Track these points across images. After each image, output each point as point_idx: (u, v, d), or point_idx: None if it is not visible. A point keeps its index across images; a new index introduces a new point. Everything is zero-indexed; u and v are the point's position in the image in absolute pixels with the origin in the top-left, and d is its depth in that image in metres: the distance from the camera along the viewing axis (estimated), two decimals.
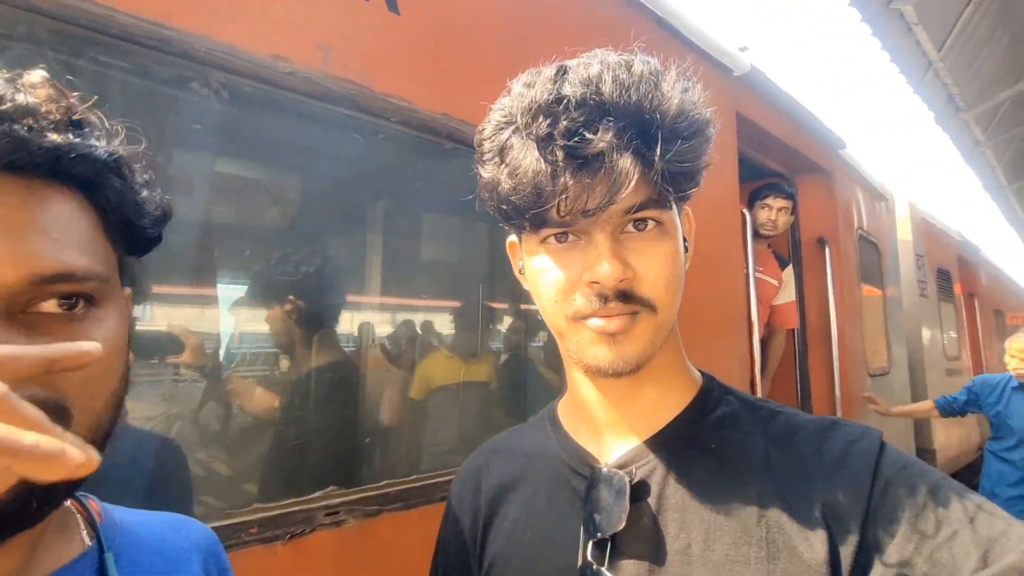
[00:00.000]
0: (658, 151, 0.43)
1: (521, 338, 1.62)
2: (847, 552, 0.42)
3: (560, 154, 0.43)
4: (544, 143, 0.43)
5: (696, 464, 0.50)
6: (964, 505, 0.42)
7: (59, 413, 0.33)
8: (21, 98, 0.35)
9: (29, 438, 0.23)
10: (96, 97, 0.40)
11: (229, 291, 1.14)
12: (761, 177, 2.95)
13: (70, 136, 0.36)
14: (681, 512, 0.48)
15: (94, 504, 0.47)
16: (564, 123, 0.42)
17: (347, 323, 1.30)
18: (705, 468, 0.50)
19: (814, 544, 0.43)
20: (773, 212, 2.54)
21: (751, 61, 2.22)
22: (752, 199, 2.63)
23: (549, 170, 0.43)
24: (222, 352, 1.03)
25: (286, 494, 0.88)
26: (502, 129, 0.47)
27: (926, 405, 3.15)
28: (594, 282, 0.46)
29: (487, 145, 0.48)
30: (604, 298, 0.46)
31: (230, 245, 1.12)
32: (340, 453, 1.05)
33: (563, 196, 0.44)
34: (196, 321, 1.01)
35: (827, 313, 2.80)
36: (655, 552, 0.48)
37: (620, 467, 0.51)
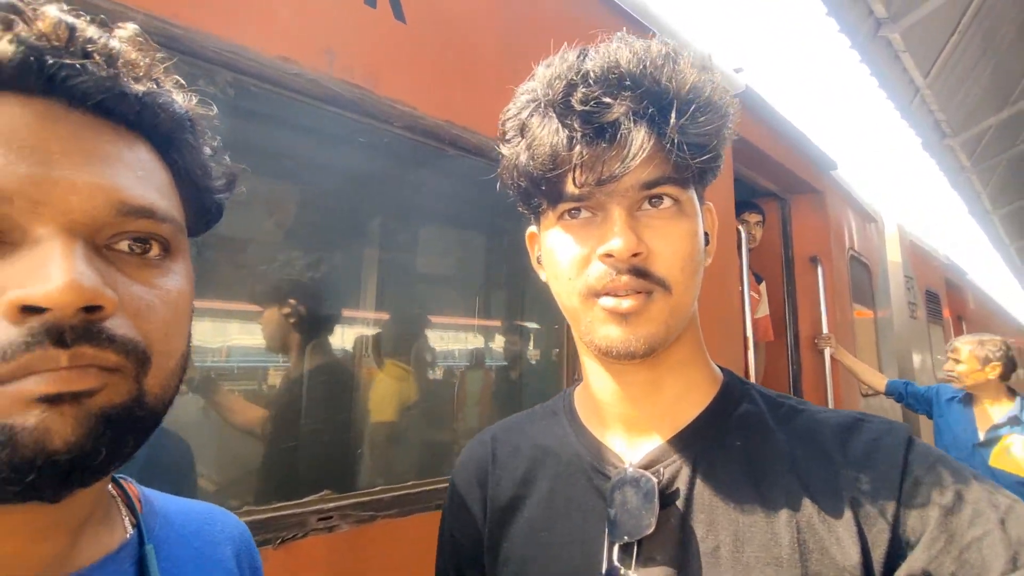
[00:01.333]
0: (672, 121, 0.43)
1: (518, 343, 1.62)
2: (878, 551, 0.42)
3: (577, 122, 0.43)
4: (562, 112, 0.44)
5: (722, 463, 0.49)
6: (995, 504, 0.41)
7: (141, 357, 0.33)
8: (115, 44, 0.35)
9: None
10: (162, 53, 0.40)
11: (227, 295, 1.13)
12: (756, 196, 3.00)
13: (155, 87, 0.37)
14: (709, 513, 0.47)
15: (134, 489, 0.45)
16: (582, 91, 0.43)
17: (346, 330, 1.29)
18: (731, 467, 0.49)
19: (845, 544, 0.42)
20: (751, 226, 2.72)
21: (746, 82, 2.27)
22: None
23: (566, 137, 0.44)
24: (218, 359, 1.02)
25: (278, 497, 0.86)
26: (524, 108, 0.48)
27: (878, 379, 2.93)
28: (608, 255, 0.45)
29: (509, 124, 0.49)
30: (617, 270, 0.45)
31: (229, 248, 1.12)
32: (334, 458, 1.04)
33: (579, 164, 0.44)
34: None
35: (820, 332, 2.82)
36: (683, 555, 0.46)
37: (645, 467, 0.50)
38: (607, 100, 0.43)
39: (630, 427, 0.53)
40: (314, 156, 1.12)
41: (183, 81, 0.41)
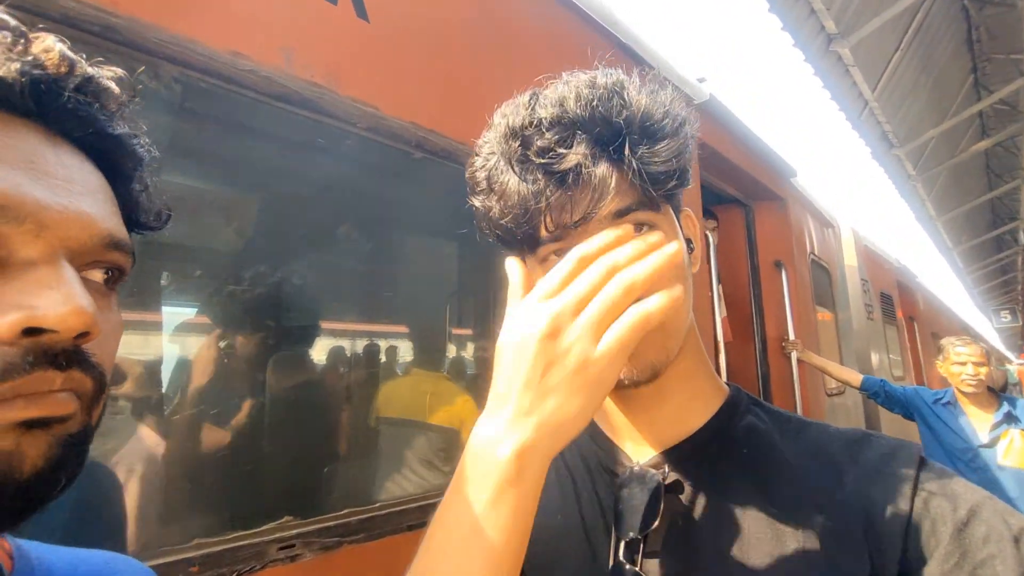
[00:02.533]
0: (627, 154, 0.44)
1: (488, 352, 1.57)
2: (888, 565, 0.41)
3: (540, 173, 0.44)
4: (523, 165, 0.45)
5: (728, 471, 0.49)
6: (1008, 523, 0.41)
7: (103, 384, 0.34)
8: (106, 83, 0.36)
9: None
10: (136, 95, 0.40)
11: (175, 312, 1.05)
12: (720, 203, 3.07)
13: (128, 130, 0.38)
14: (714, 519, 0.48)
15: (5, 545, 0.39)
16: (538, 143, 0.44)
17: (306, 344, 1.22)
18: (737, 476, 0.49)
19: (852, 557, 0.42)
20: (709, 232, 2.79)
21: (710, 91, 2.33)
22: None
23: (532, 189, 0.45)
24: (165, 381, 0.94)
25: (233, 527, 0.79)
26: (487, 159, 0.48)
27: (853, 376, 2.90)
28: None
29: (478, 176, 0.49)
30: None
31: (176, 260, 1.04)
32: (295, 482, 0.96)
33: (549, 212, 0.45)
34: (139, 347, 0.92)
35: (787, 334, 2.89)
36: (686, 555, 0.47)
37: (652, 467, 0.51)
38: (562, 150, 0.44)
39: (636, 435, 0.54)
40: (269, 158, 1.05)
41: (143, 125, 0.41)
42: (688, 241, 0.53)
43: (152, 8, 0.77)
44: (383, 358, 1.39)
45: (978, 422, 2.41)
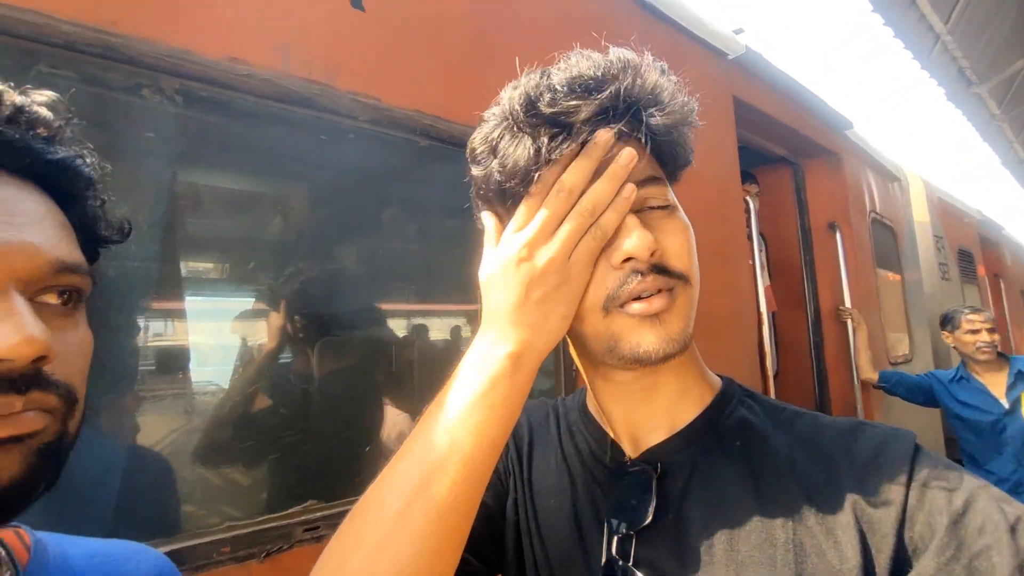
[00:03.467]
0: (643, 119, 0.45)
1: None
2: (882, 557, 0.41)
3: (546, 130, 0.44)
4: (532, 124, 0.44)
5: (719, 463, 0.49)
6: (1004, 513, 0.40)
7: (72, 400, 0.37)
8: (38, 111, 0.38)
9: None
10: (72, 116, 0.42)
11: (194, 303, 1.11)
12: (765, 162, 2.88)
13: (69, 152, 0.40)
14: (705, 510, 0.47)
15: (24, 537, 0.44)
16: (548, 99, 0.44)
17: (327, 333, 1.27)
18: (728, 468, 0.49)
19: (845, 547, 0.42)
20: (749, 196, 2.60)
21: (746, 43, 2.16)
22: None
23: (534, 148, 0.44)
24: (191, 366, 1.00)
25: (262, 509, 0.84)
26: (494, 129, 0.48)
27: (871, 370, 2.68)
28: (627, 259, 0.45)
29: (479, 146, 0.49)
30: (640, 273, 0.45)
31: (200, 254, 1.10)
32: (321, 465, 1.02)
33: (554, 167, 0.44)
34: (165, 333, 0.99)
35: (842, 300, 2.70)
36: (677, 549, 0.47)
37: (645, 461, 0.51)
38: (574, 102, 0.43)
39: (630, 427, 0.54)
40: (276, 158, 1.08)
41: (88, 144, 0.43)
42: None
43: (149, 24, 0.80)
44: (406, 346, 1.43)
45: (994, 389, 2.38)
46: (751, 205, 2.32)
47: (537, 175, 0.44)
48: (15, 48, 0.70)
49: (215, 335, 1.12)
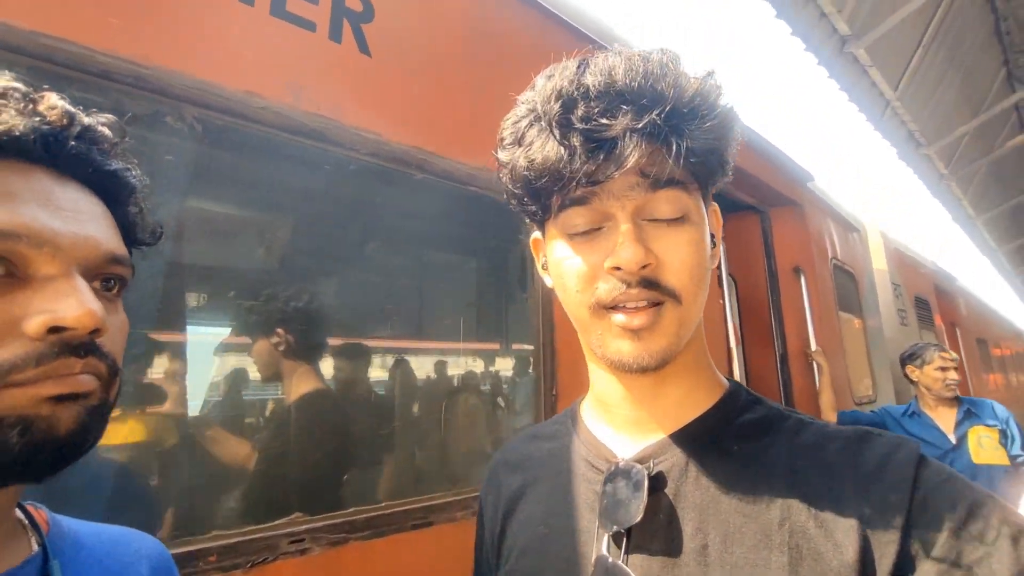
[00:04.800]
0: (674, 127, 0.44)
1: (490, 365, 1.62)
2: (884, 564, 0.40)
3: (577, 139, 0.44)
4: (563, 129, 0.44)
5: (717, 465, 0.49)
6: (1008, 522, 0.40)
7: (114, 371, 0.42)
8: (101, 130, 0.46)
9: None
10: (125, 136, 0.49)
11: (200, 331, 1.15)
12: (736, 210, 3.06)
13: (121, 165, 0.47)
14: (699, 511, 0.47)
15: (42, 514, 0.48)
16: (582, 109, 0.44)
17: (320, 356, 1.30)
18: (726, 469, 0.48)
19: (845, 549, 0.41)
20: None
21: None
22: None
23: (566, 153, 0.44)
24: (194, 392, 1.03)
25: (247, 520, 0.86)
26: (524, 117, 0.48)
27: (831, 412, 2.79)
28: (616, 268, 0.45)
29: (508, 131, 0.50)
30: (627, 284, 0.45)
31: (203, 283, 1.14)
32: (307, 479, 1.04)
33: (578, 178, 0.44)
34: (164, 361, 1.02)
35: (807, 340, 2.84)
36: (671, 549, 0.46)
37: (639, 461, 0.51)
38: (605, 120, 0.43)
39: (633, 428, 0.54)
40: (280, 184, 1.15)
41: (134, 159, 0.50)
42: (712, 236, 0.52)
43: (176, 58, 0.88)
44: (393, 371, 1.47)
45: (944, 425, 2.51)
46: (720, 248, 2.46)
47: (569, 182, 0.45)
48: (52, 73, 0.76)
49: (208, 354, 1.15)
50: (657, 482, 0.49)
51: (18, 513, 0.46)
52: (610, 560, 0.47)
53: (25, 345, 0.37)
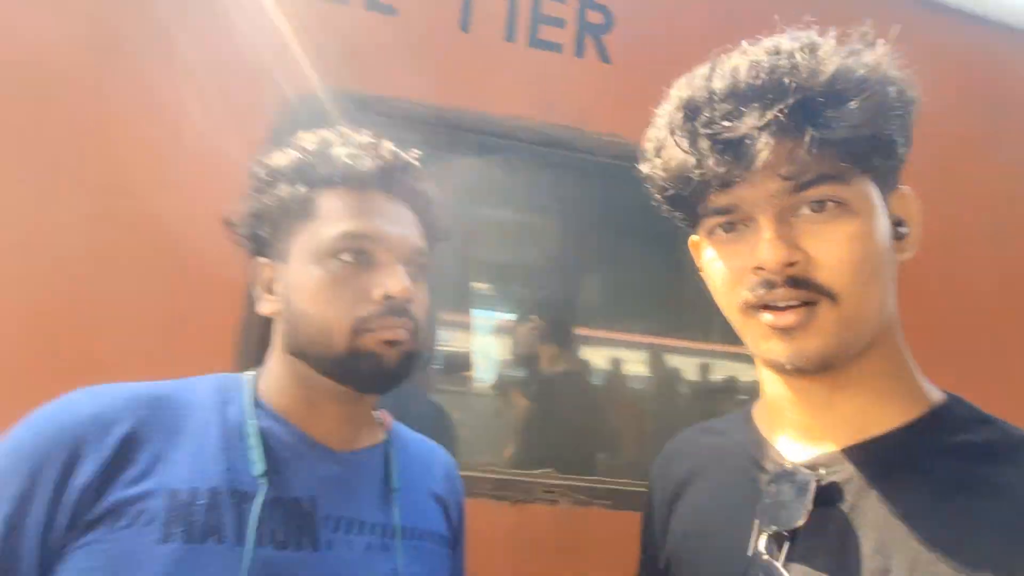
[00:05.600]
0: (808, 122, 0.41)
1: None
2: None
3: (705, 144, 0.45)
4: (691, 135, 0.46)
5: (910, 487, 0.45)
6: None
7: (419, 325, 0.63)
8: (412, 162, 0.66)
9: None
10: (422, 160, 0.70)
11: (489, 316, 1.49)
12: None
13: (429, 184, 0.68)
14: (880, 532, 0.44)
15: (389, 419, 0.73)
16: (705, 114, 0.45)
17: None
18: (922, 493, 0.44)
19: None
20: None
21: None
22: None
23: (694, 158, 0.45)
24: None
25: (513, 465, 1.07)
26: (661, 129, 0.51)
27: None
28: (758, 268, 0.45)
29: (649, 144, 0.53)
30: (770, 284, 0.44)
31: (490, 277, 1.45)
32: (564, 443, 1.22)
33: (712, 183, 0.45)
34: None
35: None
36: (841, 566, 0.44)
37: (808, 467, 0.49)
38: (727, 122, 0.43)
39: (803, 433, 0.52)
40: (539, 190, 1.36)
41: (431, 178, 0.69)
42: (899, 223, 0.48)
43: (455, 98, 1.13)
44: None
45: None
46: None
47: (705, 189, 0.46)
48: (397, 117, 1.08)
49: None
50: (830, 494, 0.46)
51: (376, 415, 0.70)
52: (764, 557, 0.46)
53: (373, 305, 0.58)
